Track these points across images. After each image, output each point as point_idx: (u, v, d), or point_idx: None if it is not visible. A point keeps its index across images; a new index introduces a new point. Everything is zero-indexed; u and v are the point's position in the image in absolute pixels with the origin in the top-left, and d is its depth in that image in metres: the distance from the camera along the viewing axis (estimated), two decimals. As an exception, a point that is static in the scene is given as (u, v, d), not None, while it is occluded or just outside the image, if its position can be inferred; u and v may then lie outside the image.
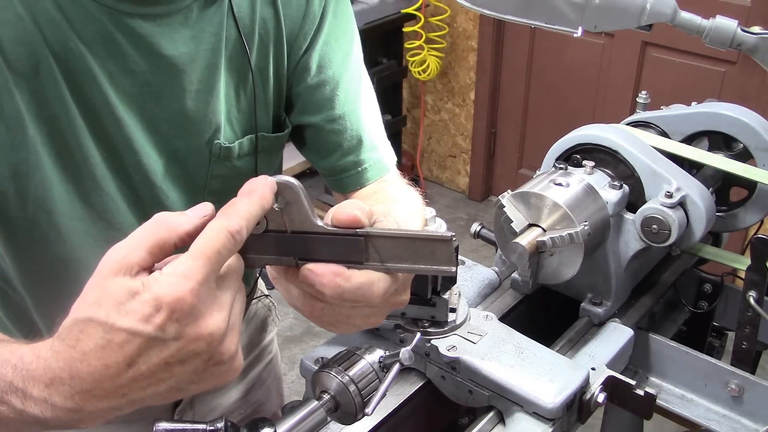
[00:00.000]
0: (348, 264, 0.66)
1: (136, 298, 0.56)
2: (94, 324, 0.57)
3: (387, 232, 0.66)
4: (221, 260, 0.59)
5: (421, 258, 0.66)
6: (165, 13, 0.87)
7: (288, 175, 0.67)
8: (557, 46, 3.44)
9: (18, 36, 0.80)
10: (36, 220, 0.90)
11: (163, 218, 0.61)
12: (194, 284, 0.56)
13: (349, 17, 1.07)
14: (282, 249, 0.67)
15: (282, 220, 0.66)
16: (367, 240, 0.66)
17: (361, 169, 1.08)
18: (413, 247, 0.66)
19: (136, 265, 0.58)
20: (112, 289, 0.57)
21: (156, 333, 0.56)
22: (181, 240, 0.60)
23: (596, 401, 0.95)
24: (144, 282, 0.57)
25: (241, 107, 0.99)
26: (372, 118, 1.09)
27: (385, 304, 0.70)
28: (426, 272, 0.66)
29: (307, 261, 0.66)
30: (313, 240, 0.66)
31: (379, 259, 0.66)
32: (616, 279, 1.11)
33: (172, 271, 0.57)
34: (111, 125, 0.89)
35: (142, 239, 0.59)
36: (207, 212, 0.62)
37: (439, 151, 4.10)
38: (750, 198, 1.23)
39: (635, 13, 1.08)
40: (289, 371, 2.70)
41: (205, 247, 0.58)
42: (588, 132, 1.14)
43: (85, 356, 0.57)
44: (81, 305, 0.58)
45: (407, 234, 0.66)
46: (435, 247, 0.65)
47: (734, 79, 2.98)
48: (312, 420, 0.79)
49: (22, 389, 0.60)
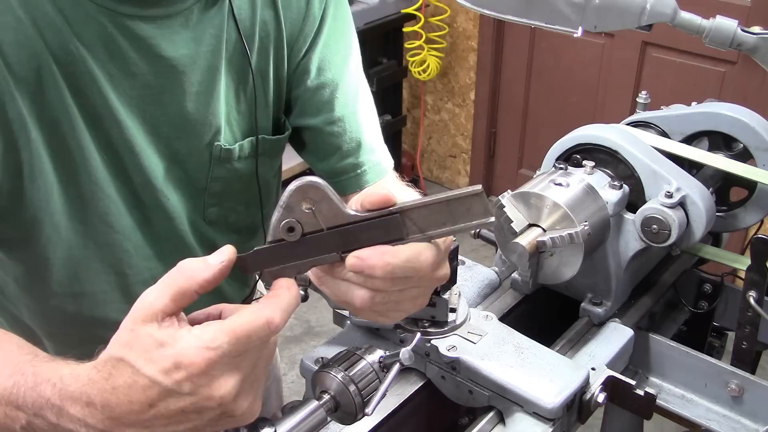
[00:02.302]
0: (390, 243, 0.66)
1: (161, 350, 0.60)
2: (125, 364, 0.61)
3: (420, 202, 0.66)
4: (249, 343, 0.62)
5: (459, 217, 0.66)
6: (165, 15, 0.87)
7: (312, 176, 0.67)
8: (557, 46, 3.44)
9: (18, 39, 0.80)
10: (37, 222, 0.90)
11: (184, 267, 0.64)
12: (213, 355, 0.60)
13: (348, 20, 1.07)
14: (322, 248, 0.67)
15: (315, 220, 0.66)
16: (402, 215, 0.66)
17: (360, 171, 1.08)
18: (447, 209, 0.66)
19: (161, 312, 0.62)
20: (142, 336, 0.61)
21: (173, 386, 0.60)
22: (201, 287, 0.63)
23: (596, 401, 0.95)
24: (171, 335, 0.61)
25: (241, 109, 0.99)
26: (370, 121, 1.10)
27: (430, 280, 0.71)
28: (467, 229, 0.67)
29: (350, 252, 0.66)
30: (350, 231, 0.66)
31: (419, 230, 0.67)
32: (616, 279, 1.11)
33: (200, 335, 0.61)
34: (111, 127, 0.89)
35: (165, 287, 0.63)
36: (224, 258, 0.65)
37: (439, 151, 4.10)
38: (750, 198, 1.23)
39: (635, 13, 1.08)
40: (289, 371, 2.69)
41: (238, 326, 0.61)
42: (588, 132, 1.14)
43: (115, 390, 0.62)
44: (115, 344, 0.63)
45: (439, 199, 0.66)
46: (469, 203, 0.66)
47: (734, 79, 2.98)
48: (312, 420, 0.79)
49: (59, 406, 0.64)
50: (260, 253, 0.68)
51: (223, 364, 0.61)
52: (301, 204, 0.66)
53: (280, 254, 0.68)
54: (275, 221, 0.67)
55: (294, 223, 0.66)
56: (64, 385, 0.65)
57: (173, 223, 1.00)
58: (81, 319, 1.02)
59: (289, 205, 0.66)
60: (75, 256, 0.95)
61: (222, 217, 1.05)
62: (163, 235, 1.00)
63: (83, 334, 1.01)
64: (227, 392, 0.61)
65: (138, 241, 0.99)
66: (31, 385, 0.66)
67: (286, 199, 0.66)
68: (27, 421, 0.66)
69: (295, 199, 0.66)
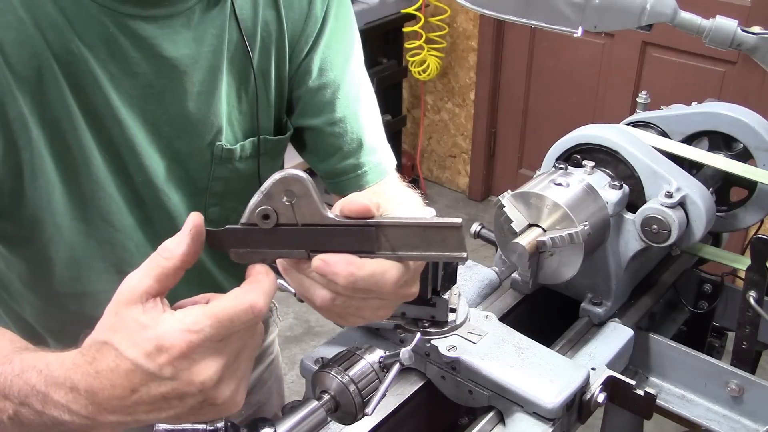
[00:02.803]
0: (359, 254, 0.66)
1: (143, 332, 0.60)
2: (109, 347, 0.62)
3: (397, 221, 0.66)
4: (232, 327, 0.61)
5: (432, 245, 0.66)
6: (167, 14, 0.87)
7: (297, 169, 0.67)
8: (557, 46, 3.44)
9: (19, 39, 0.80)
10: (39, 221, 0.90)
11: (163, 246, 0.64)
12: (195, 338, 0.60)
13: (351, 21, 1.07)
14: (293, 242, 0.67)
15: (292, 213, 0.66)
16: (377, 229, 0.66)
17: (361, 172, 1.08)
18: (423, 234, 0.66)
19: (145, 293, 0.62)
20: (126, 319, 0.61)
21: (154, 370, 0.60)
22: (183, 262, 0.64)
23: (596, 401, 0.95)
24: (154, 318, 0.61)
25: (242, 109, 0.99)
26: (372, 121, 1.09)
27: (395, 296, 0.71)
28: (437, 259, 0.67)
29: (319, 252, 0.66)
30: (324, 232, 0.66)
31: (390, 247, 0.67)
32: (616, 279, 1.11)
33: (182, 318, 0.61)
34: (113, 127, 0.89)
35: (147, 269, 0.63)
36: (190, 225, 0.65)
37: (439, 151, 4.10)
38: (750, 198, 1.23)
39: (635, 13, 1.08)
40: (289, 371, 2.69)
41: (221, 310, 0.61)
42: (588, 132, 1.14)
43: (98, 374, 0.62)
44: (100, 327, 0.63)
45: (417, 222, 0.66)
46: (445, 234, 0.66)
47: (734, 79, 2.98)
48: (312, 420, 0.79)
49: (44, 392, 0.64)
50: (230, 232, 0.68)
51: (205, 348, 0.60)
52: (281, 194, 0.66)
53: (251, 238, 0.68)
54: (252, 205, 0.67)
55: (270, 211, 0.66)
56: (50, 370, 0.64)
57: (174, 223, 1.00)
58: (83, 317, 1.02)
59: (270, 192, 0.66)
60: (77, 256, 0.96)
61: (223, 217, 1.05)
62: (164, 234, 1.00)
63: (86, 333, 1.01)
64: (208, 377, 0.61)
65: (139, 241, 0.99)
66: (17, 373, 0.66)
67: (268, 186, 0.66)
68: (14, 410, 0.66)
69: (276, 189, 0.66)
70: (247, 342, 0.65)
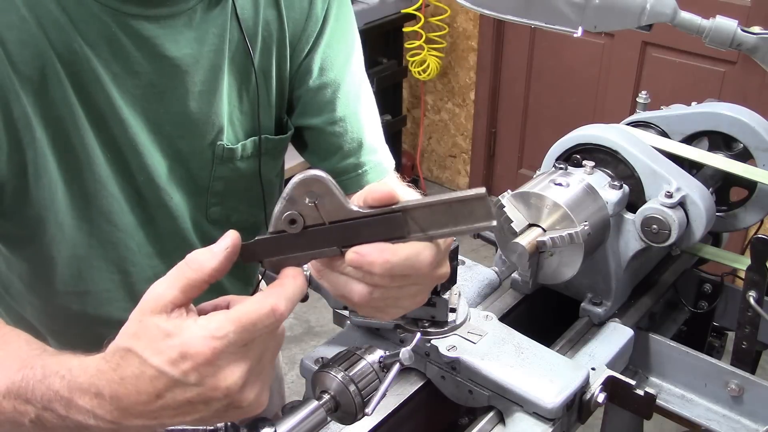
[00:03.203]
0: (391, 241, 0.66)
1: (167, 340, 0.60)
2: (132, 355, 0.62)
3: (423, 202, 0.66)
4: (255, 331, 0.61)
5: (461, 219, 0.66)
6: (169, 14, 0.87)
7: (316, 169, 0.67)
8: (557, 46, 3.44)
9: (22, 38, 0.80)
10: (42, 220, 0.90)
11: (193, 258, 0.64)
12: (219, 345, 0.60)
13: (351, 20, 1.07)
14: (323, 241, 0.67)
15: (317, 214, 0.66)
16: (405, 214, 0.66)
17: (362, 171, 1.08)
18: (450, 210, 0.66)
19: (170, 303, 0.62)
20: (150, 327, 0.61)
21: (179, 377, 0.60)
22: (211, 277, 0.63)
23: (596, 401, 0.95)
24: (178, 325, 0.61)
25: (243, 109, 0.99)
26: (372, 121, 1.10)
27: (430, 278, 0.71)
28: (468, 231, 0.67)
29: (350, 247, 0.66)
30: (352, 226, 0.66)
31: (420, 229, 0.66)
32: (616, 279, 1.11)
33: (206, 325, 0.61)
34: (115, 126, 0.89)
35: (174, 279, 0.63)
36: (228, 244, 0.64)
37: (439, 151, 4.10)
38: (750, 198, 1.23)
39: (635, 13, 1.08)
40: (289, 371, 2.69)
41: (243, 315, 0.61)
42: (588, 132, 1.14)
43: (123, 381, 0.62)
44: (123, 335, 0.63)
45: (442, 200, 0.66)
46: (472, 206, 0.65)
47: (734, 79, 2.98)
48: (312, 420, 0.79)
49: (68, 398, 0.64)
50: (261, 242, 0.68)
51: (229, 354, 0.61)
52: (303, 197, 0.66)
53: (281, 245, 0.68)
54: (277, 212, 0.67)
55: (296, 215, 0.66)
56: (73, 376, 0.65)
57: (176, 222, 1.00)
58: (85, 317, 1.02)
59: (292, 197, 0.66)
60: (79, 255, 0.96)
61: (225, 217, 1.05)
62: (166, 233, 1.01)
63: (87, 333, 1.01)
64: (233, 382, 0.61)
65: (141, 240, 0.99)
66: (39, 378, 0.66)
67: (289, 191, 0.66)
68: (36, 414, 0.66)
69: (298, 192, 0.66)
70: (269, 344, 0.65)
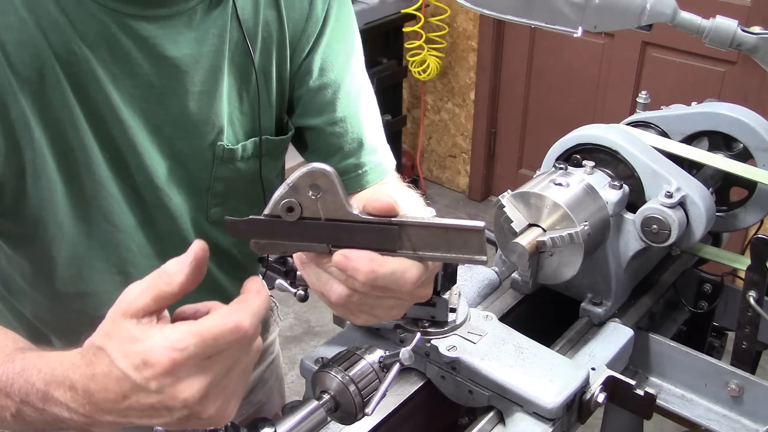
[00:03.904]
0: (380, 251, 0.67)
1: (133, 345, 0.61)
2: (103, 353, 0.63)
3: (420, 222, 0.67)
4: (216, 346, 0.62)
5: (453, 247, 0.67)
6: (168, 15, 0.87)
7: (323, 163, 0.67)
8: (557, 46, 3.44)
9: (21, 39, 0.80)
10: (41, 220, 0.90)
11: (165, 269, 0.64)
12: (178, 356, 0.60)
13: (351, 21, 1.07)
14: (315, 236, 0.67)
15: (316, 207, 0.66)
16: (400, 228, 0.67)
17: (362, 171, 1.08)
18: (445, 236, 0.66)
19: (141, 310, 0.62)
20: (121, 329, 0.63)
21: (141, 383, 0.61)
22: (180, 290, 0.63)
23: (596, 401, 0.95)
24: (144, 332, 0.62)
25: (244, 109, 0.99)
26: (372, 121, 1.10)
27: (411, 296, 0.71)
28: (457, 261, 0.67)
29: (340, 248, 0.67)
30: (346, 228, 0.67)
31: (412, 247, 0.67)
32: (616, 279, 1.11)
33: (168, 335, 0.61)
34: (114, 127, 0.89)
35: (148, 287, 0.63)
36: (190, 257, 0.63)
37: (439, 151, 4.11)
38: (750, 198, 1.23)
39: (635, 13, 1.08)
40: (289, 371, 2.70)
41: (206, 329, 0.61)
42: (588, 132, 1.14)
43: (94, 377, 0.63)
44: (99, 333, 0.64)
45: (440, 224, 0.67)
46: (467, 237, 0.66)
47: (734, 79, 2.98)
48: (312, 420, 0.79)
49: (44, 390, 0.66)
50: (253, 222, 0.68)
51: (189, 366, 0.61)
52: (307, 188, 0.66)
53: (273, 230, 0.68)
54: (277, 197, 0.67)
55: (295, 204, 0.67)
56: (50, 369, 0.66)
57: (176, 223, 1.00)
58: (86, 317, 1.02)
59: (296, 185, 0.66)
60: (79, 255, 0.96)
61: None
62: (165, 234, 1.00)
63: (88, 333, 1.01)
64: (191, 395, 0.61)
65: (141, 241, 0.99)
66: (18, 371, 0.67)
67: (294, 179, 0.66)
68: (16, 408, 0.68)
69: (302, 182, 0.66)
70: (240, 359, 0.65)
